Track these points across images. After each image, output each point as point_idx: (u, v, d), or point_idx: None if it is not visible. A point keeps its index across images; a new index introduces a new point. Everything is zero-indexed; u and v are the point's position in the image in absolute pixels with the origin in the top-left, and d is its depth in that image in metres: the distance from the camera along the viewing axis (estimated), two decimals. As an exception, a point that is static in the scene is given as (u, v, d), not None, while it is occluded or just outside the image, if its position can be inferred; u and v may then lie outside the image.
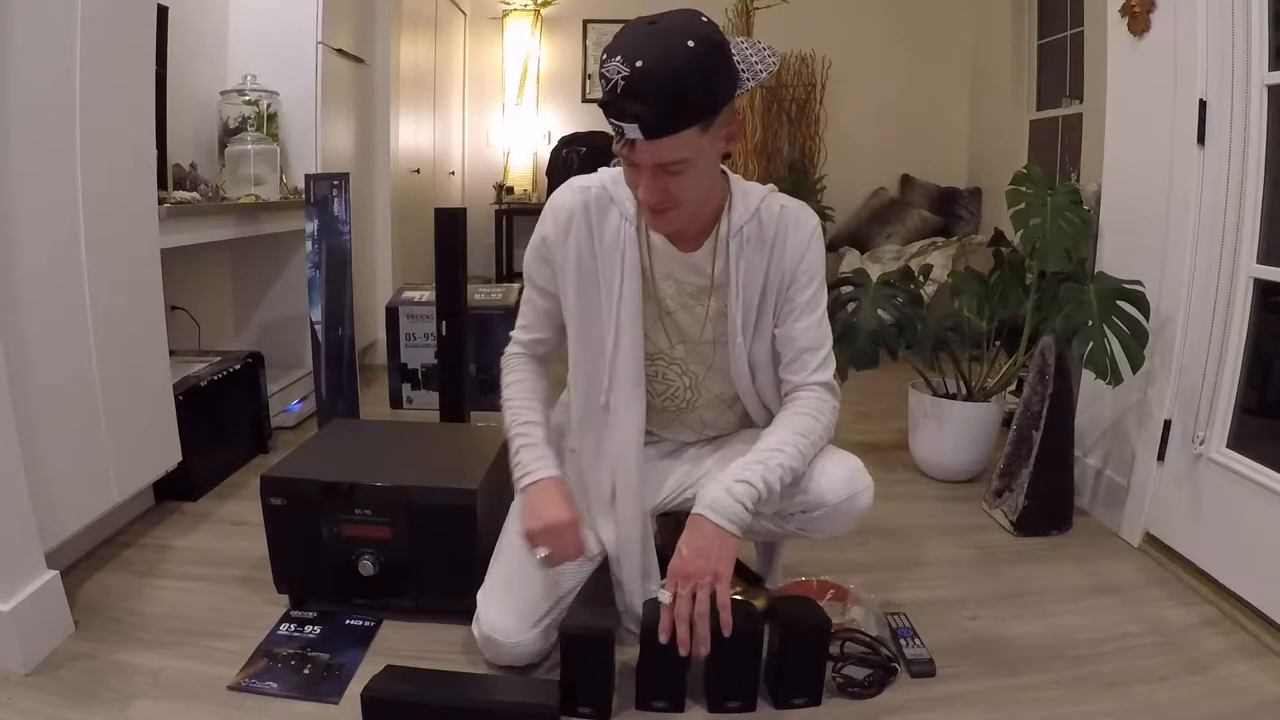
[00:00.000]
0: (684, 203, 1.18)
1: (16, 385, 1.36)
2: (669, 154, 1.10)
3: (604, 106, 1.11)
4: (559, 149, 4.43)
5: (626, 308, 1.31)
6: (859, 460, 1.36)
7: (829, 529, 1.36)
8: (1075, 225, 1.99)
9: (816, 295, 1.34)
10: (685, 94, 1.06)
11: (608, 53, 1.09)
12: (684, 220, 1.23)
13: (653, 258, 1.32)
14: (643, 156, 1.11)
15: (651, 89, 1.05)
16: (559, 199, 1.34)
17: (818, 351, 1.33)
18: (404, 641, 1.47)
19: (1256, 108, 1.64)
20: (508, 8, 4.84)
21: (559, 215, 1.33)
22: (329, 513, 1.48)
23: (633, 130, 1.08)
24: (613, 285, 1.31)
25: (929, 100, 4.70)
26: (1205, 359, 1.74)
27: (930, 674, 1.40)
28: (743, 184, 1.33)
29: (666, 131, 1.08)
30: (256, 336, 2.92)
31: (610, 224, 1.31)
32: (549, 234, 1.33)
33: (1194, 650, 1.49)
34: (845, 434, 1.39)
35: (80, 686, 1.30)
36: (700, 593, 1.16)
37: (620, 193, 1.30)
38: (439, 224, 2.43)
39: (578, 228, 1.31)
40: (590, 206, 1.31)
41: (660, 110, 1.06)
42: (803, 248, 1.31)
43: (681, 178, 1.14)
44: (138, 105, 1.77)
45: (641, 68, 1.04)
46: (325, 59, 2.83)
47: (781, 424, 1.31)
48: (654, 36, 1.07)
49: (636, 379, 1.33)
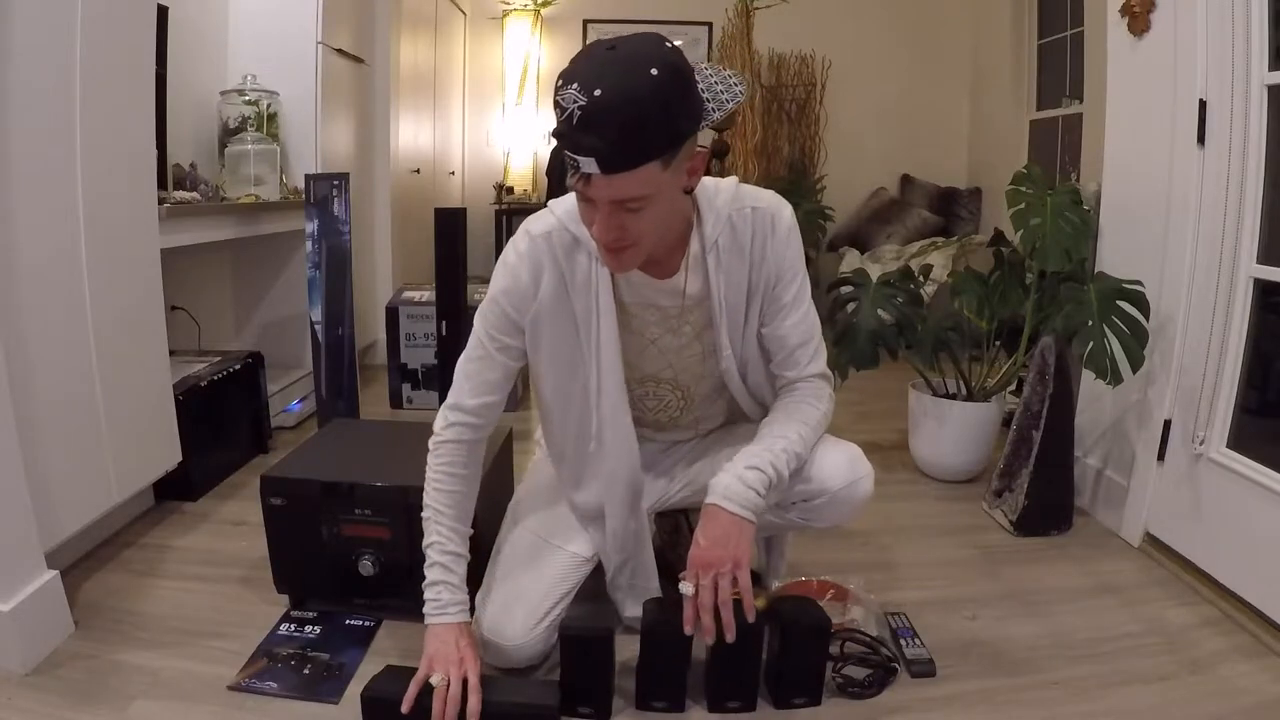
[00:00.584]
0: (642, 241, 1.11)
1: (16, 385, 1.36)
2: (627, 190, 1.03)
3: (558, 138, 1.03)
4: (559, 149, 4.43)
5: (606, 350, 1.27)
6: (858, 448, 1.37)
7: (831, 517, 1.36)
8: (1075, 225, 1.99)
9: (801, 289, 1.31)
10: (645, 127, 0.99)
11: (563, 79, 1.00)
12: (640, 258, 1.15)
13: (629, 291, 1.28)
14: (599, 192, 1.03)
15: (610, 120, 0.97)
16: (522, 248, 1.25)
17: (808, 345, 1.32)
18: (404, 641, 1.47)
19: (1256, 108, 1.64)
20: (508, 8, 4.84)
21: (525, 266, 1.24)
22: (329, 513, 1.48)
23: (589, 164, 1.00)
24: (589, 329, 1.26)
25: (929, 100, 4.70)
26: (1205, 359, 1.74)
27: (930, 674, 1.40)
28: (708, 189, 1.26)
29: (625, 166, 1.00)
30: (256, 336, 2.92)
31: (580, 267, 1.24)
32: (517, 286, 1.25)
33: (1194, 650, 1.49)
34: (845, 434, 1.39)
35: (80, 686, 1.30)
36: (722, 581, 1.16)
37: (583, 231, 1.22)
38: (439, 224, 2.43)
39: (549, 277, 1.24)
40: (556, 253, 1.24)
41: (619, 144, 0.98)
42: (783, 248, 1.28)
43: (640, 215, 1.06)
44: (138, 105, 1.77)
45: (599, 96, 0.96)
46: (325, 59, 2.83)
47: (783, 411, 1.31)
48: (613, 63, 0.99)
49: (623, 411, 1.31)
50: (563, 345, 1.28)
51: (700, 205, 1.25)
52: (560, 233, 1.24)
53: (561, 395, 1.33)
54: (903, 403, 2.46)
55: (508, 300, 1.26)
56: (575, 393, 1.31)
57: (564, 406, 1.33)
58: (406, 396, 2.93)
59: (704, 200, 1.25)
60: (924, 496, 2.24)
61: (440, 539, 1.28)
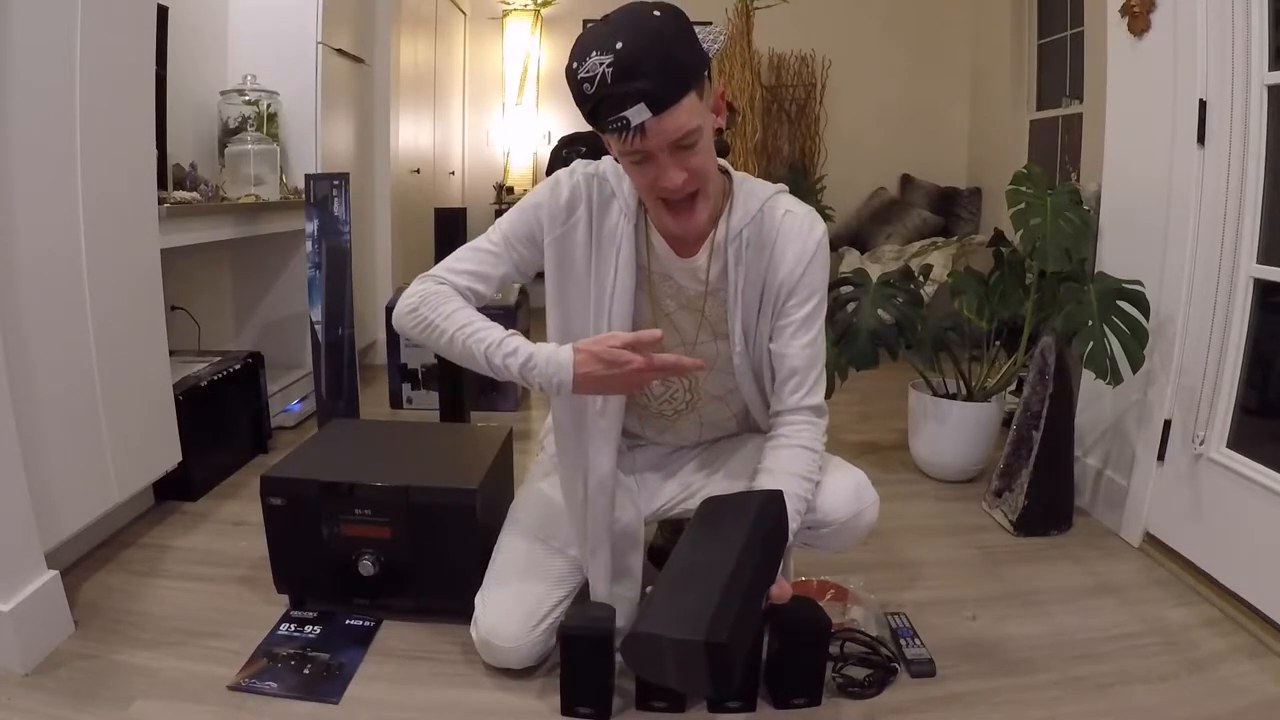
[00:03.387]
0: (706, 182, 1.14)
1: (17, 385, 1.36)
2: (679, 123, 1.05)
3: (594, 110, 1.05)
4: (559, 149, 4.41)
5: (619, 305, 1.26)
6: (863, 474, 1.36)
7: (834, 545, 1.36)
8: (1075, 225, 1.99)
9: (814, 313, 1.28)
10: (675, 56, 1.03)
11: (576, 58, 1.03)
12: (707, 207, 1.17)
13: (652, 259, 1.29)
14: (654, 138, 1.06)
15: (644, 61, 1.01)
16: (565, 179, 1.27)
17: (809, 372, 1.29)
18: (404, 641, 1.47)
19: (1256, 108, 1.63)
20: (508, 8, 4.84)
21: (564, 192, 1.26)
22: (329, 513, 1.48)
23: (638, 112, 1.02)
24: (605, 280, 1.26)
25: (929, 100, 4.69)
26: (1205, 359, 1.74)
27: (930, 674, 1.40)
28: (750, 183, 1.28)
29: (672, 99, 1.03)
30: (256, 336, 2.92)
31: (611, 216, 1.26)
32: (554, 203, 1.26)
33: (1194, 650, 1.49)
34: (845, 434, 1.39)
35: (80, 686, 1.30)
36: None
37: (623, 186, 1.25)
38: (439, 224, 2.43)
39: (583, 213, 1.26)
40: (594, 197, 1.26)
41: (659, 79, 1.02)
42: (805, 259, 1.25)
43: (697, 152, 1.10)
44: (138, 105, 1.77)
45: (624, 48, 1.01)
46: (325, 59, 2.83)
47: (783, 463, 1.26)
48: (618, 24, 1.04)
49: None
50: (576, 285, 1.27)
51: (735, 195, 1.26)
52: (603, 181, 1.27)
53: (562, 335, 1.29)
54: (903, 403, 2.46)
55: (540, 213, 1.27)
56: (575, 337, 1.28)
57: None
58: (406, 396, 2.93)
59: (741, 192, 1.26)
60: (924, 496, 2.25)
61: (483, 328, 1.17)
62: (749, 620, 1.02)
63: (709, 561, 1.03)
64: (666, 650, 0.96)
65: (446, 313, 1.20)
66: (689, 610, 0.96)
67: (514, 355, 1.14)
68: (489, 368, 1.16)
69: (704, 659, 0.93)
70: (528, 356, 1.14)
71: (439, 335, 1.20)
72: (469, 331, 1.18)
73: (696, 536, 1.10)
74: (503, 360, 1.15)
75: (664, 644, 0.96)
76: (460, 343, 1.18)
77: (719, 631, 0.93)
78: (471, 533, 1.46)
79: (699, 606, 0.96)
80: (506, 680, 1.36)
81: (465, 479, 1.50)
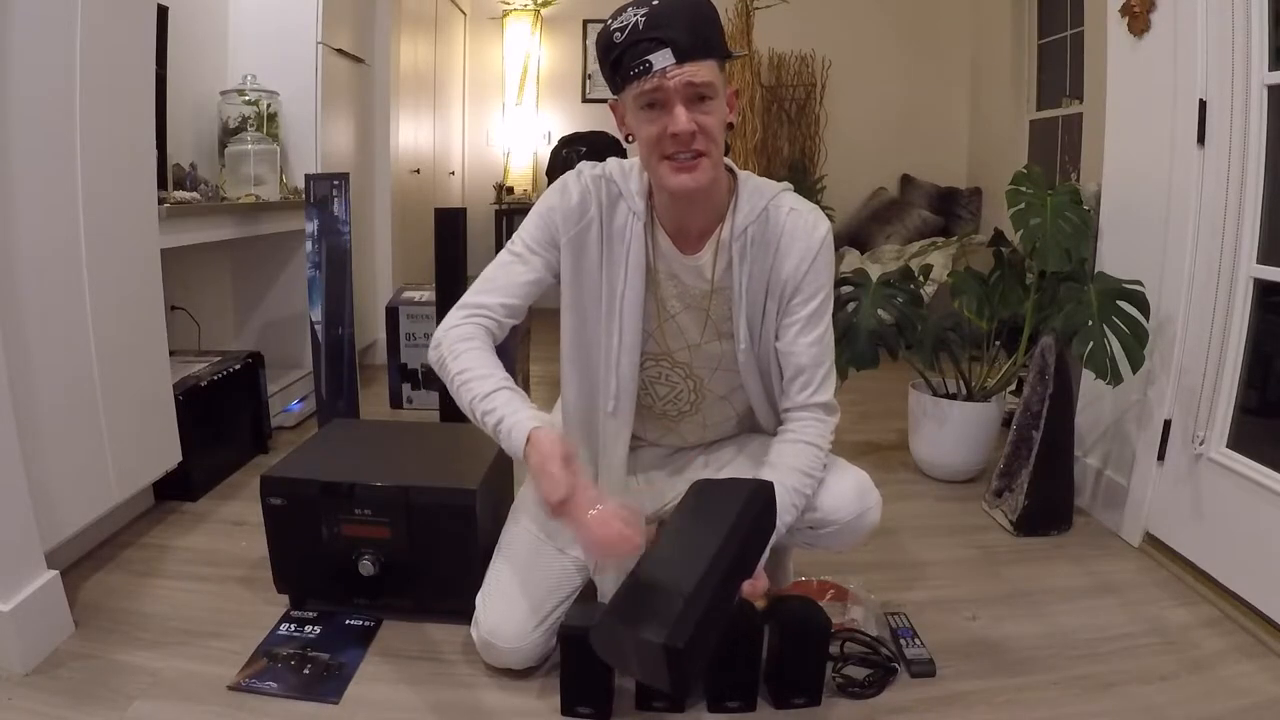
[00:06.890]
0: (712, 148, 1.15)
1: (17, 385, 1.36)
2: (700, 75, 1.10)
3: (622, 55, 1.10)
4: (559, 149, 4.43)
5: (629, 305, 1.28)
6: (866, 475, 1.36)
7: (837, 545, 1.36)
8: (1075, 225, 1.99)
9: (820, 310, 1.29)
10: (708, 21, 1.12)
11: (613, 18, 1.12)
12: (709, 175, 1.17)
13: (658, 257, 1.30)
14: (673, 79, 1.09)
15: (679, 14, 1.09)
16: (574, 182, 1.30)
17: (818, 369, 1.30)
18: (404, 641, 1.47)
19: (1256, 108, 1.64)
20: (508, 8, 4.84)
21: (576, 193, 1.29)
22: (329, 513, 1.48)
23: (663, 56, 1.08)
24: (616, 282, 1.28)
25: (929, 100, 4.70)
26: (1205, 359, 1.74)
27: (930, 674, 1.40)
28: (754, 182, 1.30)
29: (697, 55, 1.09)
30: (256, 336, 2.92)
31: (619, 216, 1.29)
32: (566, 204, 1.28)
33: (1194, 650, 1.49)
34: (845, 434, 1.39)
35: (80, 686, 1.30)
36: None
37: (629, 187, 1.27)
38: (439, 224, 2.43)
39: (594, 213, 1.28)
40: (602, 197, 1.29)
41: (691, 32, 1.09)
42: (810, 256, 1.26)
43: (709, 113, 1.13)
44: (138, 105, 1.77)
45: (660, 4, 1.08)
46: (325, 59, 2.83)
47: (786, 458, 1.27)
48: None
49: (632, 384, 1.32)
50: (590, 291, 1.30)
51: (740, 193, 1.27)
52: (609, 182, 1.29)
53: (575, 337, 1.33)
54: (903, 403, 2.46)
55: (554, 215, 1.29)
56: (587, 340, 1.32)
57: (575, 349, 1.33)
58: (406, 396, 2.93)
59: (745, 190, 1.27)
60: (924, 496, 2.25)
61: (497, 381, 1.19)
62: (715, 621, 1.02)
63: (684, 558, 1.04)
64: (628, 644, 0.98)
65: (457, 353, 1.23)
66: (656, 608, 0.97)
67: (491, 414, 1.18)
68: (473, 419, 1.21)
69: (663, 659, 0.94)
70: (499, 420, 1.17)
71: (447, 375, 1.25)
72: (465, 378, 1.21)
73: (679, 524, 1.11)
74: (482, 416, 1.19)
75: (626, 638, 0.97)
76: (456, 387, 1.23)
77: (678, 636, 0.93)
78: (471, 533, 1.46)
79: (665, 605, 0.97)
80: (506, 680, 1.36)
81: (465, 479, 1.50)
